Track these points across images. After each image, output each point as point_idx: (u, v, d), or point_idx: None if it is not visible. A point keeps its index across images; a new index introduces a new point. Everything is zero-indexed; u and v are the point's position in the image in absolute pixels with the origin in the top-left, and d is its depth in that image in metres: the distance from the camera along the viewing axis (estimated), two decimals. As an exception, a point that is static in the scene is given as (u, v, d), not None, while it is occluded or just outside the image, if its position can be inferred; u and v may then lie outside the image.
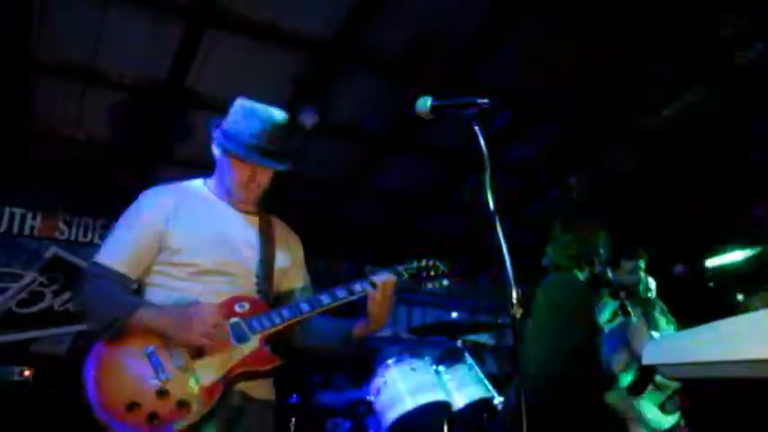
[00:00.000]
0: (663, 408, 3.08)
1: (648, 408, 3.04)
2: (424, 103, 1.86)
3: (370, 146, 5.19)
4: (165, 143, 4.96)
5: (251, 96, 2.14)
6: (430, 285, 2.22)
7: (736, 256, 4.94)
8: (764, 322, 1.15)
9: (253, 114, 2.07)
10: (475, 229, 6.18)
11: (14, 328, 5.23)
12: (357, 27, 3.83)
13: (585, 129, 5.00)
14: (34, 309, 5.32)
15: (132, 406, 1.68)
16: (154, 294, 1.97)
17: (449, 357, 3.65)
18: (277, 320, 1.95)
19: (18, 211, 5.46)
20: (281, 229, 2.26)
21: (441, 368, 3.34)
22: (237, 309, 1.94)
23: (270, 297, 2.09)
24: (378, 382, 3.15)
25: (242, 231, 2.11)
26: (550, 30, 3.93)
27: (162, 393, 1.72)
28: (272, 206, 2.26)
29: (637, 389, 3.06)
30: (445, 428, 3.22)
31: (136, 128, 4.76)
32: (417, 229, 6.50)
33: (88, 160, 5.15)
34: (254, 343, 1.90)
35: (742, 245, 4.69)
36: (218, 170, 2.14)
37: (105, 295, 1.88)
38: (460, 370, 3.39)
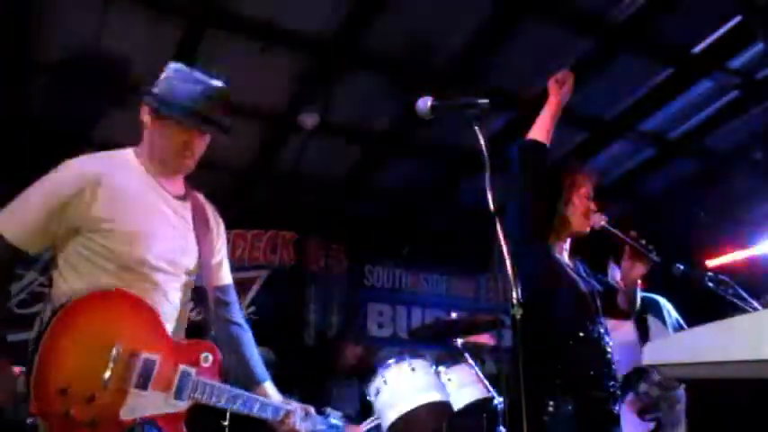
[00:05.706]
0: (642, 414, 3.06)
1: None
2: (424, 104, 1.86)
3: (370, 146, 5.19)
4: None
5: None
6: None
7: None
8: (764, 322, 1.15)
9: (191, 79, 1.93)
10: (474, 229, 6.17)
11: (14, 328, 5.21)
12: (357, 27, 3.83)
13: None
14: (34, 309, 5.31)
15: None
16: (71, 280, 1.75)
17: (449, 357, 3.65)
18: (219, 403, 1.78)
19: (18, 211, 5.45)
20: (210, 215, 2.09)
21: (440, 368, 3.34)
22: (202, 361, 1.78)
23: (207, 300, 1.96)
24: (377, 382, 3.15)
25: (177, 224, 1.92)
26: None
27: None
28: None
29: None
30: (445, 429, 3.22)
31: (135, 127, 4.75)
32: (417, 229, 6.49)
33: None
34: (184, 405, 1.74)
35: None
36: (149, 140, 1.97)
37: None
38: (460, 370, 3.39)
